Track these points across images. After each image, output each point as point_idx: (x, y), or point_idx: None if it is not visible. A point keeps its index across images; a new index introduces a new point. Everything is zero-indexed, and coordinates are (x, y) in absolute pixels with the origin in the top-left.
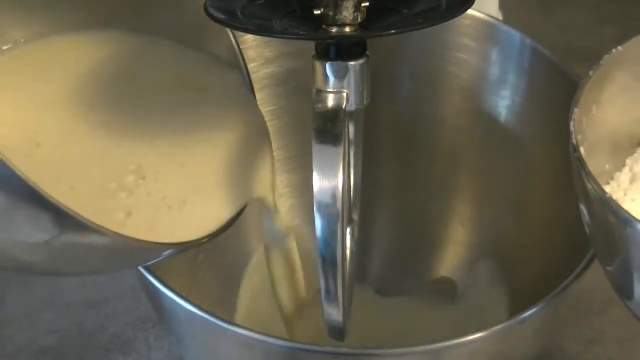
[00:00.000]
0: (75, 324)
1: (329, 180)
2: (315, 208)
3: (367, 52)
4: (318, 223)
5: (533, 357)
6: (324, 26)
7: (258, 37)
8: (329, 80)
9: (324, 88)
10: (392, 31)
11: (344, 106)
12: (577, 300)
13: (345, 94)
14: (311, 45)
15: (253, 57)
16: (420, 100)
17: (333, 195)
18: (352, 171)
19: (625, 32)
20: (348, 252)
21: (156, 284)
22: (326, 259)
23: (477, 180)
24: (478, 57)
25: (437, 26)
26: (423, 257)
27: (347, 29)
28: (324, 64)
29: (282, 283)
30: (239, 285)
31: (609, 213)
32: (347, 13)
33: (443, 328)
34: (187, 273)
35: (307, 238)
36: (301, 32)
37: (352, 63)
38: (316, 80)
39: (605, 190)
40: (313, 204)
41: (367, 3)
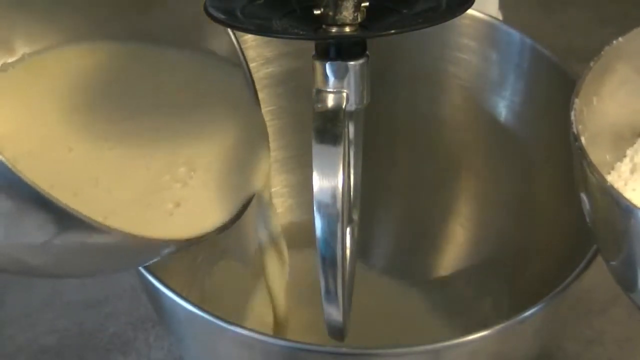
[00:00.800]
0: (75, 324)
1: (329, 180)
2: (315, 208)
3: (367, 52)
4: (318, 223)
5: (533, 357)
6: (324, 26)
7: (258, 37)
8: (329, 80)
9: (324, 88)
10: (392, 31)
11: (344, 106)
12: (577, 300)
13: (345, 94)
14: (311, 45)
15: (253, 57)
16: (420, 100)
17: (333, 195)
18: (352, 171)
19: (625, 32)
20: (348, 252)
21: (156, 284)
22: (326, 259)
23: (477, 180)
24: (478, 57)
25: (437, 26)
26: (423, 257)
27: (347, 29)
28: (324, 64)
29: (276, 281)
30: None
31: (611, 202)
32: (347, 13)
33: (443, 328)
34: (187, 273)
35: (307, 238)
36: (301, 32)
37: (352, 63)
38: (316, 80)
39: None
40: (313, 204)
41: (367, 3)
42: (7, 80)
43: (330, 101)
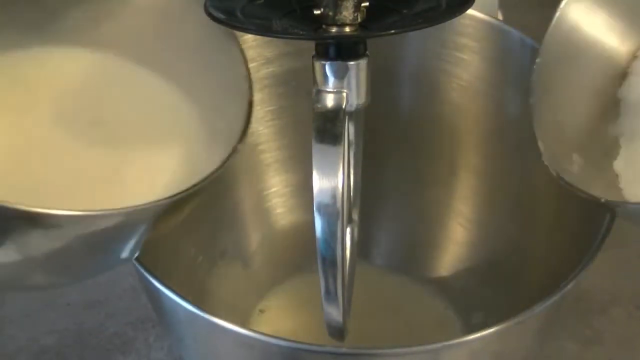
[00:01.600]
0: (75, 324)
1: (329, 180)
2: (315, 208)
3: (367, 52)
4: (318, 223)
5: (533, 357)
6: (324, 26)
7: (258, 37)
8: (329, 80)
9: (324, 88)
10: (392, 31)
11: (344, 106)
12: (577, 300)
13: (345, 94)
14: (311, 45)
15: (253, 57)
16: (420, 100)
17: (333, 195)
18: (352, 171)
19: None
20: (348, 252)
21: (156, 284)
22: (326, 259)
23: (477, 180)
24: (478, 57)
25: (437, 26)
26: (423, 257)
27: (347, 29)
28: (324, 64)
29: None
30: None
31: None
32: (347, 13)
33: (442, 328)
34: (187, 273)
35: (307, 238)
36: (301, 32)
37: (352, 63)
38: (316, 80)
39: None
40: (313, 204)
41: (367, 3)
42: None
43: (330, 101)
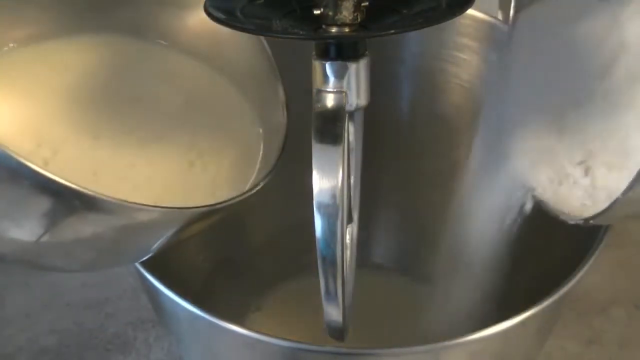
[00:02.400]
0: (75, 324)
1: (329, 180)
2: (315, 208)
3: (367, 52)
4: (318, 223)
5: (533, 357)
6: (324, 26)
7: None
8: (329, 80)
9: (324, 88)
10: (392, 31)
11: (344, 106)
12: (577, 300)
13: (345, 94)
14: (311, 45)
15: None
16: (420, 100)
17: (333, 195)
18: (352, 171)
19: None
20: (348, 252)
21: (156, 284)
22: (326, 259)
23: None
24: (478, 57)
25: (437, 26)
26: (423, 257)
27: (347, 29)
28: (324, 64)
29: None
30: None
31: None
32: (347, 13)
33: (443, 328)
34: (187, 273)
35: (307, 238)
36: (301, 32)
37: (352, 63)
38: (316, 80)
39: None
40: (313, 204)
41: (367, 3)
42: None
43: (330, 101)
